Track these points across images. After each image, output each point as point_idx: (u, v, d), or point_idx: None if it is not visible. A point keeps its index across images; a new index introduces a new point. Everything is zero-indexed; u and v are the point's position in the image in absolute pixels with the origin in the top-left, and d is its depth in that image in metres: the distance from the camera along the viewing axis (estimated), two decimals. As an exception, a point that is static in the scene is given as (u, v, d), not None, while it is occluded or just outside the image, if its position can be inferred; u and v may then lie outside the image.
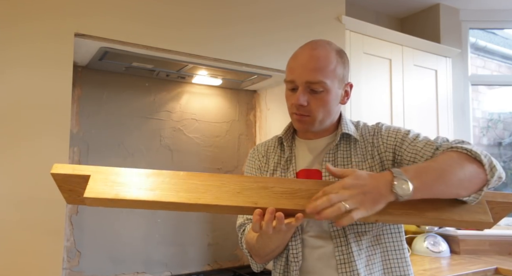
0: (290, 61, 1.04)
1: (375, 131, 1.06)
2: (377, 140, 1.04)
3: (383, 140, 1.03)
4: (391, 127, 1.06)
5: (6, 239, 1.20)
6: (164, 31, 1.52)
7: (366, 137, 1.06)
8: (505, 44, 3.18)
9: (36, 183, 1.25)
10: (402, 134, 1.02)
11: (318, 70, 0.97)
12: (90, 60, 1.63)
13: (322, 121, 1.02)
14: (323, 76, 0.97)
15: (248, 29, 1.73)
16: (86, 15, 1.38)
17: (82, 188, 0.84)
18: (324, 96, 0.99)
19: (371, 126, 1.09)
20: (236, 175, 1.01)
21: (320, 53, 0.99)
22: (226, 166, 2.09)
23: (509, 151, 3.01)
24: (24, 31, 1.28)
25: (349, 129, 1.06)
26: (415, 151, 0.97)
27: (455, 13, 2.76)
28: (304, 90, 0.99)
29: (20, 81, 1.26)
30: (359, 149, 1.05)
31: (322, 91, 0.98)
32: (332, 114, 1.04)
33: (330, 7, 2.00)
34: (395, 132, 1.03)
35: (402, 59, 2.34)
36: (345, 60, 1.05)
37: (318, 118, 1.01)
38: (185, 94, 1.99)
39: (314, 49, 1.01)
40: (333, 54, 1.01)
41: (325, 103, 1.00)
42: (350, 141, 1.06)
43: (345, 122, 1.08)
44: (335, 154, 1.05)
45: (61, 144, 1.31)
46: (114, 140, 1.80)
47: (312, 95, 0.99)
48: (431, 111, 2.46)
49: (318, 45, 1.02)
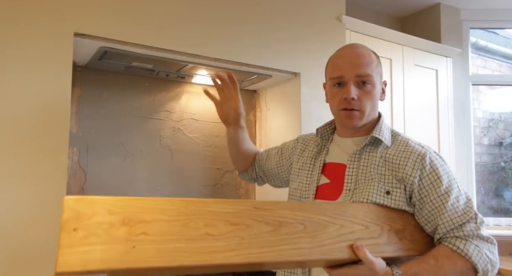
0: (334, 60, 1.11)
1: (419, 159, 1.00)
2: (413, 172, 0.99)
3: (419, 180, 0.99)
4: (436, 172, 0.99)
5: (6, 239, 1.20)
6: (164, 31, 1.52)
7: (399, 154, 1.02)
8: (506, 44, 3.17)
9: (36, 183, 1.25)
10: (439, 190, 0.98)
11: (365, 65, 1.05)
12: (90, 60, 1.63)
13: (368, 116, 1.07)
14: (370, 70, 1.05)
15: (248, 29, 1.72)
16: (86, 15, 1.38)
17: None
18: (371, 90, 1.05)
19: (415, 148, 1.02)
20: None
21: (364, 52, 1.07)
22: (226, 166, 2.09)
23: (510, 151, 3.00)
24: (24, 31, 1.28)
25: (382, 134, 1.06)
26: (433, 217, 0.97)
27: (455, 12, 2.76)
28: (353, 84, 1.04)
29: (19, 81, 1.26)
30: (388, 157, 1.02)
31: (369, 85, 1.05)
32: (375, 109, 1.09)
33: (330, 7, 1.99)
34: (434, 183, 0.98)
35: (403, 59, 2.33)
36: (378, 59, 1.12)
37: (366, 112, 1.06)
38: (185, 94, 1.99)
39: (357, 48, 1.09)
40: (372, 54, 1.09)
41: (373, 97, 1.06)
42: (378, 147, 1.05)
43: (381, 126, 1.08)
44: (360, 155, 1.06)
45: (60, 144, 1.30)
46: (114, 140, 1.80)
47: (361, 89, 1.05)
48: (431, 111, 2.46)
49: (358, 46, 1.10)
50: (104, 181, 1.75)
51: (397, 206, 0.98)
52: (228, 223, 0.76)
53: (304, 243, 0.81)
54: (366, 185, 1.01)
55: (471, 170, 2.72)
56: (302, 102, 1.87)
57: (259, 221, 0.79)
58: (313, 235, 0.83)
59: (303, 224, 0.83)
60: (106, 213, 0.68)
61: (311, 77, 1.88)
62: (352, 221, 0.90)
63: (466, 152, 2.71)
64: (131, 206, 0.70)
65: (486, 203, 2.82)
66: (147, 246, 0.68)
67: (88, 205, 0.68)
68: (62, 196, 1.27)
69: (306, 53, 1.89)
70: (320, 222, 0.85)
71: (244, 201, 0.83)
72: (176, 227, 0.72)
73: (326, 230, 0.85)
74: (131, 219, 0.69)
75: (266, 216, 0.81)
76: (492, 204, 2.84)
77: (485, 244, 0.95)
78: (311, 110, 1.88)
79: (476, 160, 2.81)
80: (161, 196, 1.89)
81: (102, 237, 0.66)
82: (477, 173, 2.77)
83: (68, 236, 0.64)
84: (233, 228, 0.76)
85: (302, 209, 0.86)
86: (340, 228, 0.87)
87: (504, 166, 2.97)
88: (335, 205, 0.92)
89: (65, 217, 0.66)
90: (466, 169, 2.70)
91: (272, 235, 0.79)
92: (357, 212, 0.93)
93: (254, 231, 0.78)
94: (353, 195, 1.02)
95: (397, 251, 0.93)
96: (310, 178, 1.13)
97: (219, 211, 0.77)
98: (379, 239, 0.92)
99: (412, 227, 0.99)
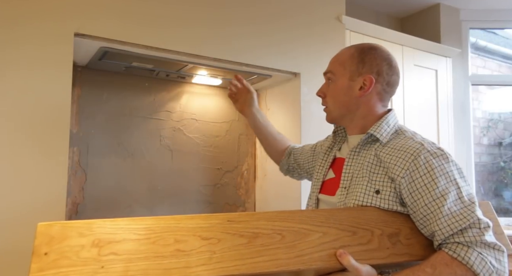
0: None
1: (411, 159, 0.93)
2: (401, 172, 0.93)
3: (412, 181, 0.92)
4: (431, 173, 0.92)
5: (6, 239, 1.20)
6: (164, 31, 1.52)
7: (393, 153, 0.98)
8: (506, 44, 3.18)
9: (36, 183, 1.25)
10: (434, 193, 0.90)
11: (332, 62, 1.10)
12: (90, 60, 1.63)
13: (338, 113, 1.09)
14: (334, 66, 1.08)
15: (248, 29, 1.73)
16: (86, 15, 1.38)
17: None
18: (333, 87, 1.08)
19: (410, 147, 0.96)
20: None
21: (343, 51, 1.10)
22: (226, 166, 2.09)
23: (509, 151, 3.00)
24: (24, 31, 1.28)
25: (379, 131, 1.02)
26: (428, 222, 0.90)
27: (455, 13, 2.76)
28: (325, 82, 1.11)
29: (20, 81, 1.26)
30: (382, 156, 0.99)
31: (330, 81, 1.08)
32: (347, 106, 1.07)
33: (330, 7, 2.00)
34: (428, 185, 0.91)
35: (402, 59, 2.33)
36: (366, 55, 1.06)
37: (332, 109, 1.09)
38: (185, 94, 1.99)
39: (343, 49, 1.12)
40: (351, 50, 1.09)
41: (334, 94, 1.08)
42: (375, 144, 1.03)
43: (381, 123, 1.04)
44: (359, 153, 1.06)
45: (60, 144, 1.30)
46: (114, 140, 1.80)
47: (329, 87, 1.09)
48: (431, 111, 2.46)
49: (350, 46, 1.12)
50: (104, 181, 1.75)
51: (389, 206, 0.93)
52: (200, 237, 0.76)
53: (281, 254, 0.80)
54: (358, 183, 0.99)
55: (470, 170, 2.72)
56: (302, 102, 1.87)
57: (232, 234, 0.79)
58: (292, 245, 0.81)
59: (281, 234, 0.82)
60: (77, 236, 0.70)
61: (311, 77, 1.88)
62: (337, 227, 0.87)
63: (465, 152, 2.71)
64: (102, 227, 0.72)
65: (485, 203, 2.83)
66: (116, 265, 0.70)
67: (60, 230, 0.70)
68: (62, 196, 1.28)
69: (306, 53, 1.89)
70: (300, 231, 0.84)
71: (219, 215, 0.81)
72: (146, 245, 0.73)
73: (307, 239, 0.83)
74: (101, 240, 0.71)
75: (240, 229, 0.80)
76: (492, 204, 2.83)
77: (490, 251, 0.86)
78: (311, 110, 1.88)
79: (476, 160, 2.81)
80: (161, 196, 1.90)
81: (72, 259, 0.68)
82: (476, 173, 2.78)
83: (39, 260, 0.67)
84: (205, 243, 0.76)
85: (281, 219, 0.84)
86: (323, 236, 0.85)
87: (504, 166, 2.97)
88: (320, 212, 0.90)
89: (37, 243, 0.68)
90: (465, 169, 2.70)
91: (246, 247, 0.78)
92: (344, 217, 0.89)
93: (226, 244, 0.77)
94: (347, 193, 1.01)
95: (389, 257, 0.88)
96: (320, 173, 1.16)
97: (190, 227, 0.77)
98: (368, 244, 0.88)
99: (408, 230, 0.94)
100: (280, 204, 1.97)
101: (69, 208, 1.67)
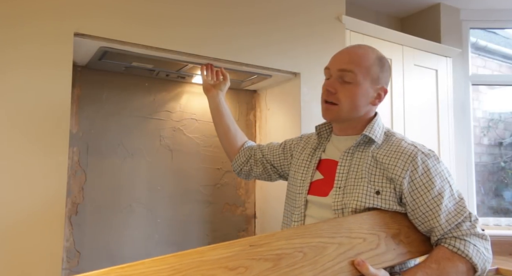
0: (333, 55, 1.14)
1: (409, 160, 0.99)
2: (402, 173, 0.98)
3: (411, 181, 0.98)
4: (428, 173, 0.99)
5: (6, 239, 1.20)
6: (164, 31, 1.52)
7: (390, 154, 1.02)
8: (506, 44, 3.17)
9: (36, 183, 1.25)
10: (432, 192, 0.97)
11: (352, 62, 1.05)
12: (90, 60, 1.63)
13: (348, 114, 1.07)
14: (356, 68, 1.04)
15: (248, 29, 1.72)
16: (86, 15, 1.38)
17: None
18: (353, 88, 1.05)
19: (406, 149, 1.01)
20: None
21: (359, 51, 1.08)
22: (226, 166, 2.09)
23: (510, 151, 3.00)
24: (24, 31, 1.27)
25: (373, 133, 1.05)
26: (427, 219, 0.97)
27: (455, 12, 2.76)
28: (336, 78, 1.07)
29: (19, 81, 1.26)
30: (379, 157, 1.02)
31: (351, 83, 1.04)
32: (359, 110, 1.07)
33: (330, 7, 1.99)
34: (427, 185, 0.98)
35: (403, 59, 2.33)
36: (384, 65, 1.09)
37: (344, 109, 1.06)
38: (185, 94, 1.99)
39: (355, 47, 1.10)
40: (371, 55, 1.07)
41: (353, 95, 1.05)
42: (371, 146, 1.05)
43: (373, 125, 1.07)
44: (353, 154, 1.06)
45: (60, 144, 1.30)
46: (114, 140, 1.80)
47: (342, 85, 1.05)
48: (431, 111, 2.46)
49: (360, 46, 1.10)
50: (104, 181, 1.75)
51: (388, 206, 0.97)
52: (226, 268, 0.74)
53: (307, 272, 0.80)
54: (356, 184, 1.01)
55: (471, 170, 2.72)
56: (302, 102, 1.87)
57: (257, 259, 0.78)
58: (314, 261, 0.82)
59: (302, 252, 0.82)
60: None
61: (311, 77, 1.88)
62: (349, 236, 0.89)
63: (466, 152, 2.71)
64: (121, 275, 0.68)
65: (486, 203, 2.82)
66: None
67: None
68: (62, 196, 1.28)
69: (306, 53, 1.89)
70: (318, 245, 0.84)
71: (240, 241, 0.80)
72: None
73: (326, 253, 0.84)
74: None
75: (264, 252, 0.79)
76: (492, 204, 2.84)
77: (481, 242, 0.97)
78: (311, 110, 1.88)
79: (476, 160, 2.81)
80: (161, 196, 1.89)
81: None
82: (477, 173, 2.77)
83: None
84: (232, 273, 0.74)
85: (298, 235, 0.84)
86: (339, 246, 0.86)
87: (504, 166, 2.96)
88: (330, 223, 0.91)
89: None
90: (466, 169, 2.70)
91: (273, 271, 0.77)
92: (352, 225, 0.91)
93: (254, 271, 0.76)
94: (343, 193, 1.02)
95: (396, 258, 0.93)
96: (305, 174, 1.15)
97: (215, 258, 0.75)
98: (377, 249, 0.91)
99: (406, 229, 0.98)
100: (280, 204, 1.96)
101: (69, 208, 1.67)
